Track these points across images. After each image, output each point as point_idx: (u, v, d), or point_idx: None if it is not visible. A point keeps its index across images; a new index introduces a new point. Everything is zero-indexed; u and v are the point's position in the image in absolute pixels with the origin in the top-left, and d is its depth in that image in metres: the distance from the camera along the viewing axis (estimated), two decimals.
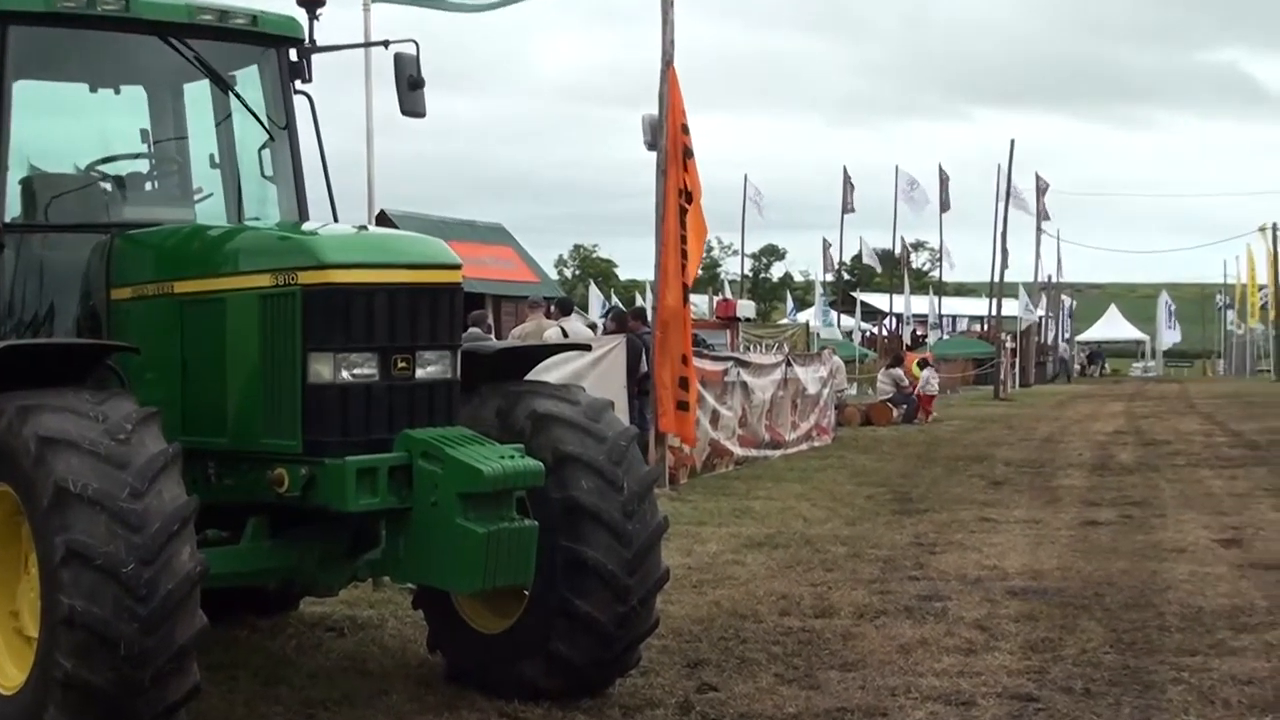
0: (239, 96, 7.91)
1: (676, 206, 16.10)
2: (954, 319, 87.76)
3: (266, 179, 8.05)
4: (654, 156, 16.31)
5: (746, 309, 35.64)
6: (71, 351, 6.68)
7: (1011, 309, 58.53)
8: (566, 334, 17.60)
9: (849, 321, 61.43)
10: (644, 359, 17.17)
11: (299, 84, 8.05)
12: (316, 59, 8.08)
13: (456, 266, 6.95)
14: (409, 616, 8.83)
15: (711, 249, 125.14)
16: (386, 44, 8.04)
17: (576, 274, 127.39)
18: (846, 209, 56.08)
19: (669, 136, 16.17)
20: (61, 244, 7.52)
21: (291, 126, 8.04)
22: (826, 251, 62.01)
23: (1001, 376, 46.87)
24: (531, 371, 7.84)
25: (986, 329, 65.25)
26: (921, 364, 32.60)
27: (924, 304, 65.86)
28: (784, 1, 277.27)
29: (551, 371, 11.96)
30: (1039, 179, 61.86)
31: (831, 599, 9.98)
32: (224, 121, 8.03)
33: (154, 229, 7.42)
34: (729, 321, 30.38)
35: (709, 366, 19.11)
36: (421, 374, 6.74)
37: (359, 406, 6.58)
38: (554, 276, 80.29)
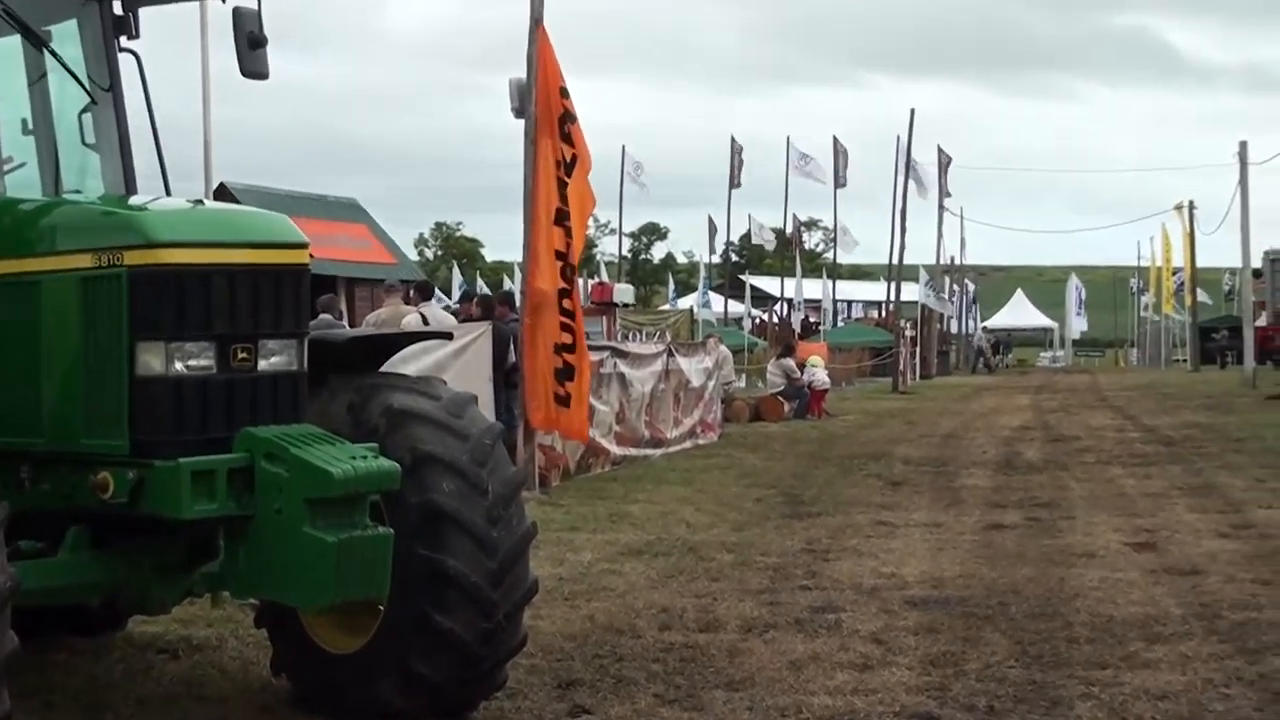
0: (55, 54, 7.73)
1: (551, 179, 16.07)
2: (850, 304, 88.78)
3: (88, 147, 7.89)
4: (522, 124, 16.27)
5: (624, 294, 35.75)
6: None
7: (911, 293, 59.30)
8: (427, 321, 17.51)
9: (737, 307, 61.83)
10: (512, 348, 17.13)
11: (125, 40, 7.90)
12: (145, 13, 7.93)
13: (303, 246, 6.90)
14: (251, 636, 8.72)
15: (586, 228, 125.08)
16: None
17: (438, 255, 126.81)
18: (734, 184, 56.39)
19: (539, 102, 16.13)
20: None
21: (116, 88, 7.89)
22: (712, 230, 62.41)
23: (901, 368, 47.51)
24: (387, 363, 7.79)
25: (884, 315, 66.12)
26: (801, 366, 32.72)
27: (817, 288, 66.48)
28: None
29: (410, 363, 11.89)
30: (941, 152, 62.77)
31: (716, 611, 10.03)
32: (38, 82, 7.84)
33: None
34: (605, 307, 30.46)
35: None
36: (264, 365, 6.68)
37: (194, 402, 6.50)
38: (413, 257, 79.94)
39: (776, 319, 67.51)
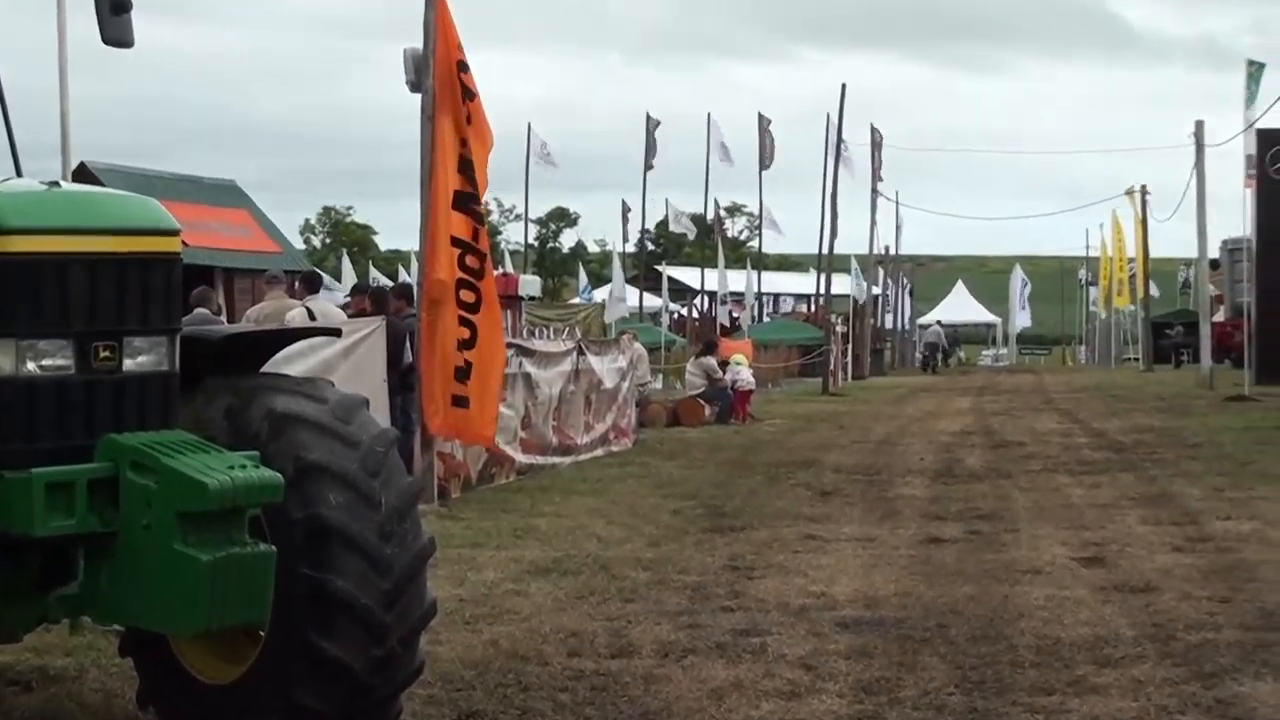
0: None
1: (451, 160, 16.01)
2: (776, 298, 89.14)
3: None
4: (419, 99, 16.19)
5: (530, 285, 35.81)
6: None
7: (843, 286, 59.64)
8: (314, 316, 17.38)
9: (654, 301, 61.96)
10: (408, 346, 17.04)
11: None
12: None
13: (174, 232, 6.84)
14: (115, 665, 8.62)
15: (489, 213, 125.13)
16: None
17: (327, 243, 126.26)
18: (649, 165, 56.52)
19: (438, 75, 16.06)
20: None
21: None
22: (626, 211, 62.44)
23: (832, 367, 47.77)
24: (269, 362, 7.73)
25: (814, 310, 66.48)
26: (723, 364, 32.78)
27: (741, 280, 66.77)
28: None
29: (295, 362, 11.80)
30: (874, 132, 63.29)
31: (630, 635, 10.04)
32: None
33: None
34: (509, 301, 30.37)
35: None
36: (130, 365, 6.62)
37: (49, 406, 6.43)
38: (299, 246, 79.37)
39: (696, 314, 67.79)
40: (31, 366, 6.39)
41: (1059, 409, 36.88)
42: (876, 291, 68.72)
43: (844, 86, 52.49)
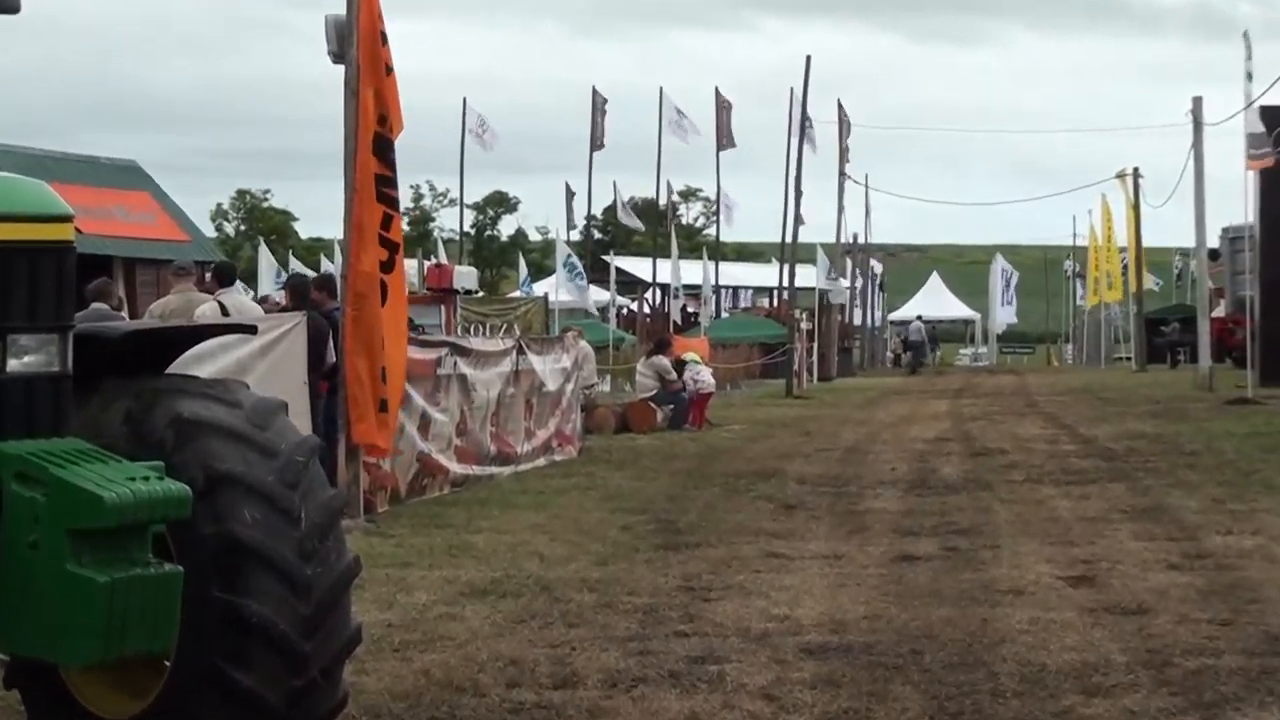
0: None
1: (374, 139, 15.97)
2: (735, 291, 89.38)
3: None
4: (342, 71, 16.15)
5: (466, 278, 35.72)
6: None
7: (808, 278, 59.81)
8: (226, 311, 17.32)
9: (601, 294, 62.00)
10: (332, 345, 16.99)
11: None
12: None
13: (67, 219, 6.83)
14: (1, 699, 8.54)
15: (421, 198, 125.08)
16: None
17: (241, 230, 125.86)
18: (596, 145, 56.60)
19: (362, 44, 16.01)
20: None
21: None
22: (570, 195, 62.53)
23: (796, 367, 47.91)
24: (176, 362, 7.70)
25: (776, 305, 66.65)
26: (678, 365, 32.72)
27: (697, 271, 66.93)
28: None
29: (205, 363, 11.76)
30: (841, 109, 63.48)
31: (575, 664, 10.02)
32: None
33: None
34: (443, 294, 30.39)
35: (417, 354, 19.02)
36: (15, 366, 6.62)
37: None
38: (210, 233, 79.13)
39: (648, 308, 67.86)
40: None
41: (1044, 413, 37.05)
42: (845, 284, 68.91)
43: (808, 60, 52.64)
